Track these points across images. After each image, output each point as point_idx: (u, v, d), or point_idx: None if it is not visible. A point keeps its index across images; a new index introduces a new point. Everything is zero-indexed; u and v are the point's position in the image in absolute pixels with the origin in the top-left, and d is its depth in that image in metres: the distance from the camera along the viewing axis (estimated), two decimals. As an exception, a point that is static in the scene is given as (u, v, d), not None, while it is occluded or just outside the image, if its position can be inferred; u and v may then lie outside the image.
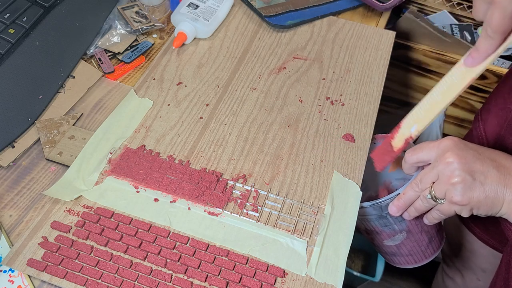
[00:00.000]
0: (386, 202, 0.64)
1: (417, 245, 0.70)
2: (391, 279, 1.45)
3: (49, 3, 0.76)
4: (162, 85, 0.76)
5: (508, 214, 0.53)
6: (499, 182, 0.51)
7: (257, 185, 0.65)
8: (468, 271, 0.96)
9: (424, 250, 0.71)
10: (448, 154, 0.52)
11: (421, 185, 0.56)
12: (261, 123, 0.72)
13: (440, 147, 0.53)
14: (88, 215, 0.60)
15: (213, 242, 0.59)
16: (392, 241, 0.70)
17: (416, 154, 0.56)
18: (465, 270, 0.97)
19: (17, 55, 0.70)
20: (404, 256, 0.72)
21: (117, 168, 0.64)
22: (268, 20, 0.86)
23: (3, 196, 0.61)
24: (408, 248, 0.70)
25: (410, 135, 0.59)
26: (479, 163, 0.51)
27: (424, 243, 0.70)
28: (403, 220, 0.66)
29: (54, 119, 0.69)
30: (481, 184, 0.51)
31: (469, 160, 0.51)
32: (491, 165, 0.51)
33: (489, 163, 0.51)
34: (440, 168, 0.53)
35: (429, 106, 0.58)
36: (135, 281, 0.55)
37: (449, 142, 0.53)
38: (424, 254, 0.72)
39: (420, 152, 0.56)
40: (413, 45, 1.05)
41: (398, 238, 0.68)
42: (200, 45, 0.83)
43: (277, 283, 0.56)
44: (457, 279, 1.02)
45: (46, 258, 0.55)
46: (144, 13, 0.84)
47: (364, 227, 0.71)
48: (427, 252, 0.72)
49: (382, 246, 0.73)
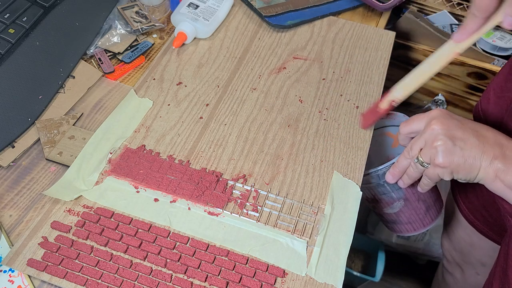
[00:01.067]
0: (383, 170, 0.68)
1: (415, 213, 0.73)
2: (391, 279, 1.45)
3: (49, 3, 0.76)
4: (162, 85, 0.76)
5: (484, 179, 0.56)
6: (478, 149, 0.55)
7: (257, 185, 0.65)
8: (467, 265, 0.97)
9: (422, 218, 0.74)
10: (433, 121, 0.57)
11: (411, 152, 0.61)
12: (261, 123, 0.72)
13: (428, 116, 0.58)
14: (88, 215, 0.60)
15: (213, 242, 0.59)
16: (391, 209, 0.73)
17: (408, 125, 0.61)
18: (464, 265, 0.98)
19: (17, 55, 0.70)
20: (404, 224, 0.75)
21: (117, 168, 0.64)
22: (268, 20, 0.86)
23: (3, 196, 0.61)
24: (406, 216, 0.74)
25: (394, 98, 0.67)
26: (461, 131, 0.56)
27: (421, 211, 0.73)
28: (400, 188, 0.69)
29: (54, 119, 0.69)
30: (461, 149, 0.55)
31: (451, 127, 0.56)
32: (472, 133, 0.55)
33: (470, 132, 0.56)
34: (426, 135, 0.58)
35: (417, 74, 0.66)
36: (135, 281, 0.55)
37: (436, 112, 0.58)
38: (423, 222, 0.75)
39: (412, 123, 0.61)
40: (413, 45, 1.05)
41: (397, 206, 0.71)
42: (200, 45, 0.83)
43: (277, 283, 0.56)
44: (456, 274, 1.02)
45: (46, 258, 0.55)
46: (144, 13, 0.84)
47: (365, 195, 0.74)
48: (425, 220, 0.75)
49: (383, 215, 0.76)
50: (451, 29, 1.06)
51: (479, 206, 0.82)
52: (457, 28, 0.61)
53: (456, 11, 1.09)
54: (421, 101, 1.16)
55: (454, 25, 1.07)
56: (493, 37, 1.06)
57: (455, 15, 1.09)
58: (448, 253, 1.03)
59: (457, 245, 0.96)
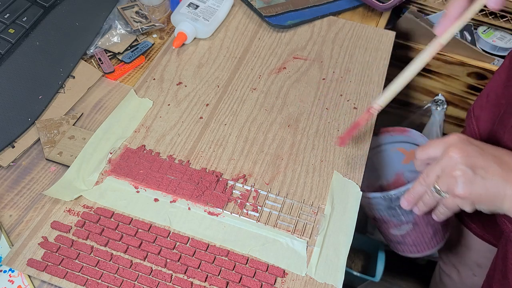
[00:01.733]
0: (396, 195, 0.67)
1: (421, 237, 0.72)
2: (391, 279, 1.45)
3: (49, 3, 0.76)
4: (162, 85, 0.76)
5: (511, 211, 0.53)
6: (501, 177, 0.51)
7: (257, 185, 0.65)
8: (464, 267, 0.96)
9: (428, 242, 0.73)
10: (451, 148, 0.53)
11: (427, 180, 0.57)
12: (261, 123, 0.72)
13: (446, 142, 0.55)
14: (88, 215, 0.60)
15: (213, 242, 0.59)
16: (398, 231, 0.72)
17: (425, 151, 0.58)
18: (461, 266, 0.97)
19: (17, 55, 0.70)
20: (408, 245, 0.74)
21: (117, 168, 0.64)
22: (268, 20, 0.86)
23: (3, 196, 0.61)
24: (412, 238, 0.73)
25: (372, 105, 0.63)
26: (481, 158, 0.52)
27: (429, 235, 0.72)
28: (411, 212, 0.67)
29: (54, 119, 0.69)
30: (482, 179, 0.52)
31: (471, 155, 0.52)
32: (493, 160, 0.52)
33: (491, 158, 0.52)
34: (443, 162, 0.54)
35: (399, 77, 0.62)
36: (135, 281, 0.55)
37: (454, 137, 0.54)
38: (428, 246, 0.74)
39: (428, 148, 0.57)
40: (413, 45, 1.05)
41: (404, 228, 0.71)
42: (200, 45, 0.83)
43: (277, 283, 0.56)
44: (453, 276, 1.02)
45: (46, 258, 0.55)
46: (144, 13, 0.84)
47: (373, 215, 0.73)
48: (431, 243, 0.74)
49: (388, 234, 0.75)
50: (451, 29, 1.06)
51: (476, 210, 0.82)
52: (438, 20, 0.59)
53: (456, 11, 1.09)
54: (421, 101, 1.16)
55: (454, 25, 1.07)
56: (493, 37, 1.06)
57: (455, 15, 1.09)
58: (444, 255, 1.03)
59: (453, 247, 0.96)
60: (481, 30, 1.07)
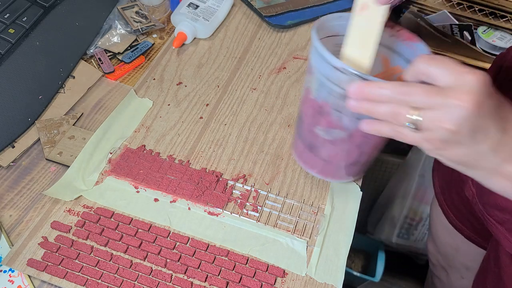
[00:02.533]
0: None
1: (339, 157, 0.58)
2: (391, 279, 1.45)
3: (49, 3, 0.76)
4: (162, 85, 0.76)
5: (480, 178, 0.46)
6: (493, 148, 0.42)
7: (257, 185, 0.65)
8: (452, 269, 0.97)
9: (339, 167, 0.60)
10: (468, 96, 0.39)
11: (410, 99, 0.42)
12: (261, 123, 0.72)
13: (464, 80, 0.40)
14: (88, 215, 0.60)
15: (213, 242, 0.59)
16: (326, 133, 0.56)
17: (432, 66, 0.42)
18: (449, 268, 0.98)
19: (17, 55, 0.70)
20: (319, 157, 0.59)
21: (117, 168, 0.64)
22: (268, 20, 0.86)
23: (3, 196, 0.61)
24: (330, 153, 0.58)
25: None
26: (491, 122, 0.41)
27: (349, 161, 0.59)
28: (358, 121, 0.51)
29: (54, 119, 0.69)
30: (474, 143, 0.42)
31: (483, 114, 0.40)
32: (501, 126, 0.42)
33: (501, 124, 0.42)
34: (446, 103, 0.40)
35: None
36: (135, 281, 0.55)
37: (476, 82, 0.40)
38: (336, 172, 0.61)
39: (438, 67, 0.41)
40: (413, 45, 1.05)
41: (335, 134, 0.55)
42: (200, 45, 0.83)
43: (277, 283, 0.56)
44: (442, 278, 1.02)
45: (46, 258, 0.55)
46: (144, 13, 0.84)
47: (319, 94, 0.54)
48: (339, 172, 0.61)
49: (308, 130, 0.58)
50: (451, 29, 1.06)
51: (466, 212, 0.81)
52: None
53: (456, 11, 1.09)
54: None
55: (454, 25, 1.07)
56: (493, 37, 1.06)
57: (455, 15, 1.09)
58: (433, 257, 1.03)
59: (442, 249, 0.96)
60: (481, 30, 1.07)
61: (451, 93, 0.40)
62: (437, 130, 0.41)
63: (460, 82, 0.40)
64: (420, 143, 0.44)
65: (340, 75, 0.48)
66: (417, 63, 0.42)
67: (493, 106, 0.41)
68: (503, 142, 0.42)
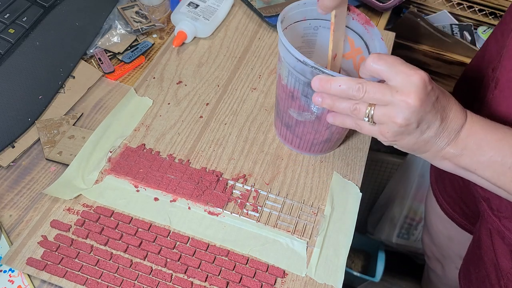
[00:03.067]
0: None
1: (312, 136, 0.64)
2: (391, 279, 1.45)
3: (49, 3, 0.76)
4: (162, 84, 0.76)
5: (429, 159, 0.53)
6: (436, 135, 0.50)
7: (257, 185, 0.65)
8: (447, 260, 0.98)
9: (313, 144, 0.66)
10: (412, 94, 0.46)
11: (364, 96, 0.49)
12: (261, 123, 0.72)
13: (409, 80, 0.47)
14: (87, 214, 0.60)
15: (213, 242, 0.59)
16: (297, 115, 0.62)
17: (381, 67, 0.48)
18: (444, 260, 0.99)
19: (17, 55, 0.70)
20: (295, 135, 0.66)
21: (117, 167, 0.64)
22: (268, 20, 0.86)
23: (3, 196, 0.61)
24: (303, 131, 0.64)
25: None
26: (431, 114, 0.48)
27: (319, 139, 0.65)
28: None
29: (54, 119, 0.69)
30: (421, 133, 0.49)
31: (425, 108, 0.48)
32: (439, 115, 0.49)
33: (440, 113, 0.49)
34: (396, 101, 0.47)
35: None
36: (135, 281, 0.55)
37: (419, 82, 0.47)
38: (310, 148, 0.67)
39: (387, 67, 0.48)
40: (413, 45, 1.05)
41: (305, 116, 0.61)
42: (200, 45, 0.83)
43: (277, 283, 0.56)
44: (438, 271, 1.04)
45: (45, 257, 0.55)
46: (144, 13, 0.84)
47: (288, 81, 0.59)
48: (314, 148, 0.67)
49: (284, 111, 0.64)
50: (451, 29, 1.06)
51: (457, 198, 0.84)
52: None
53: (456, 11, 1.09)
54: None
55: (454, 25, 1.07)
56: (493, 37, 1.06)
57: (455, 15, 1.09)
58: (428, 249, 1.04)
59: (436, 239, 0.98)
60: (481, 30, 1.07)
61: (399, 92, 0.47)
62: (389, 124, 0.49)
63: (405, 82, 0.47)
64: (376, 135, 0.51)
65: (304, 66, 0.54)
66: (368, 63, 0.49)
67: (433, 100, 0.48)
68: (442, 129, 0.49)
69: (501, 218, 0.63)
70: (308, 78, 0.55)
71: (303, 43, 0.67)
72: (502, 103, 0.59)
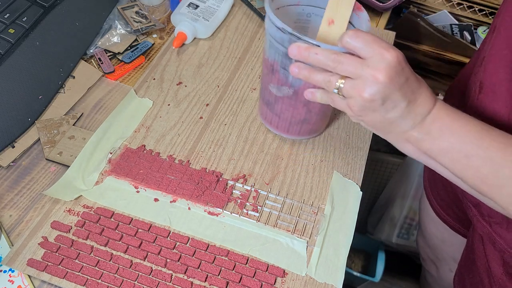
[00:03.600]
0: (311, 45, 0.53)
1: (290, 113, 0.65)
2: (391, 279, 1.45)
3: (49, 3, 0.76)
4: (162, 85, 0.76)
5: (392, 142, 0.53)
6: (400, 115, 0.49)
7: (257, 185, 0.65)
8: (441, 262, 0.98)
9: (292, 124, 0.67)
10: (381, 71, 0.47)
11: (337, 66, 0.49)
12: (261, 123, 0.72)
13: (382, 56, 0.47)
14: (88, 215, 0.60)
15: (213, 242, 0.59)
16: (276, 90, 0.63)
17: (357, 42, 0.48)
18: (438, 261, 0.99)
19: (17, 55, 0.70)
20: (274, 113, 0.67)
21: (117, 168, 0.64)
22: (268, 20, 0.86)
23: (3, 196, 0.61)
24: (281, 108, 0.65)
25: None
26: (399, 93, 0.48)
27: (297, 117, 0.65)
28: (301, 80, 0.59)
29: (54, 119, 0.69)
30: (385, 111, 0.49)
31: (392, 87, 0.47)
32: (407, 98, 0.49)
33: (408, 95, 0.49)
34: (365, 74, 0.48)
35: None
36: (135, 281, 0.55)
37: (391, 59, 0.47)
38: (289, 128, 0.68)
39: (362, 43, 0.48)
40: (413, 45, 1.05)
41: (284, 91, 0.62)
42: (200, 45, 0.83)
43: (277, 283, 0.56)
44: (433, 272, 1.04)
45: (46, 258, 0.55)
46: (144, 13, 0.84)
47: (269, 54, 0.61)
48: (292, 128, 0.67)
49: (265, 88, 0.66)
50: (451, 29, 1.06)
51: (450, 202, 0.83)
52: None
53: (456, 11, 1.09)
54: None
55: (454, 25, 1.07)
56: (493, 37, 1.06)
57: (455, 15, 1.09)
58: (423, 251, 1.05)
59: (430, 241, 0.98)
60: (481, 30, 1.07)
61: (370, 66, 0.47)
62: (356, 98, 0.49)
63: (378, 58, 0.47)
64: (345, 109, 0.52)
65: (282, 35, 0.55)
66: (344, 39, 0.49)
67: (402, 81, 0.48)
68: (408, 111, 0.49)
69: (492, 224, 0.63)
70: (286, 48, 0.55)
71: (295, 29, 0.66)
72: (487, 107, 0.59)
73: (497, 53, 0.58)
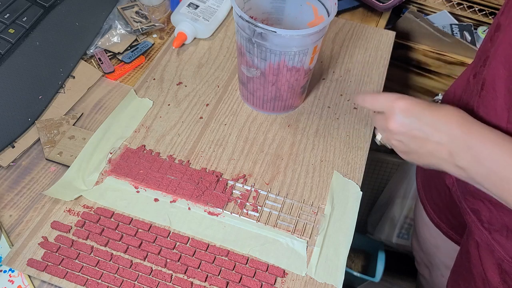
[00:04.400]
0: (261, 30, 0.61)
1: (262, 92, 0.70)
2: (391, 279, 1.45)
3: (49, 3, 0.76)
4: (162, 85, 0.76)
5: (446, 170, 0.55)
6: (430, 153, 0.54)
7: (257, 185, 0.65)
8: (434, 266, 0.98)
9: (265, 101, 0.72)
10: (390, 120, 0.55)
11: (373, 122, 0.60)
12: (261, 123, 0.72)
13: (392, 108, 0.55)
14: (88, 215, 0.60)
15: (213, 242, 0.59)
16: (247, 71, 0.68)
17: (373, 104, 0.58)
18: (431, 266, 0.99)
19: (17, 55, 0.70)
20: (249, 91, 0.72)
21: (117, 168, 0.64)
22: (268, 20, 0.86)
23: (3, 196, 0.61)
24: (253, 87, 0.70)
25: None
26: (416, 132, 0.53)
27: (268, 95, 0.70)
28: (265, 62, 0.65)
29: (54, 119, 0.69)
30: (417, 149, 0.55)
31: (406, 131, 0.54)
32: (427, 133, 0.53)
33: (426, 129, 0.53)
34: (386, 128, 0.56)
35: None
36: (135, 281, 0.55)
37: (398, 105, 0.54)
38: (263, 105, 0.73)
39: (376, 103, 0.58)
40: (413, 45, 1.05)
41: (252, 72, 0.68)
42: (200, 45, 0.83)
43: (277, 283, 0.56)
44: (425, 275, 1.04)
45: (46, 258, 0.55)
46: (144, 13, 0.84)
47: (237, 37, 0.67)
48: (266, 105, 0.72)
49: (239, 69, 0.71)
50: (451, 29, 1.06)
51: (444, 208, 0.82)
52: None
53: (456, 11, 1.09)
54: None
55: (454, 25, 1.07)
56: (493, 37, 1.06)
57: (455, 15, 1.09)
58: (417, 254, 1.04)
59: (424, 246, 0.97)
60: (481, 30, 1.07)
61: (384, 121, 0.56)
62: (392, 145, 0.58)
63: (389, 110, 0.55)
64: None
65: (244, 21, 0.61)
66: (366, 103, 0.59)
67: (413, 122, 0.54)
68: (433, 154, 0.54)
69: (492, 231, 0.62)
70: (247, 34, 0.63)
71: (272, 9, 0.73)
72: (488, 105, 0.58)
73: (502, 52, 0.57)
